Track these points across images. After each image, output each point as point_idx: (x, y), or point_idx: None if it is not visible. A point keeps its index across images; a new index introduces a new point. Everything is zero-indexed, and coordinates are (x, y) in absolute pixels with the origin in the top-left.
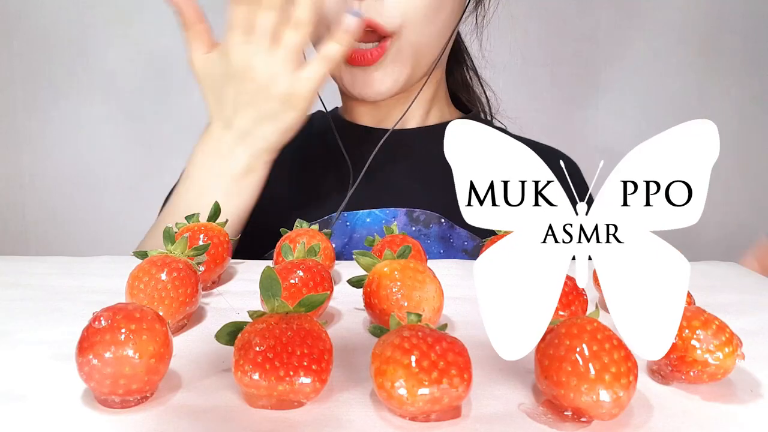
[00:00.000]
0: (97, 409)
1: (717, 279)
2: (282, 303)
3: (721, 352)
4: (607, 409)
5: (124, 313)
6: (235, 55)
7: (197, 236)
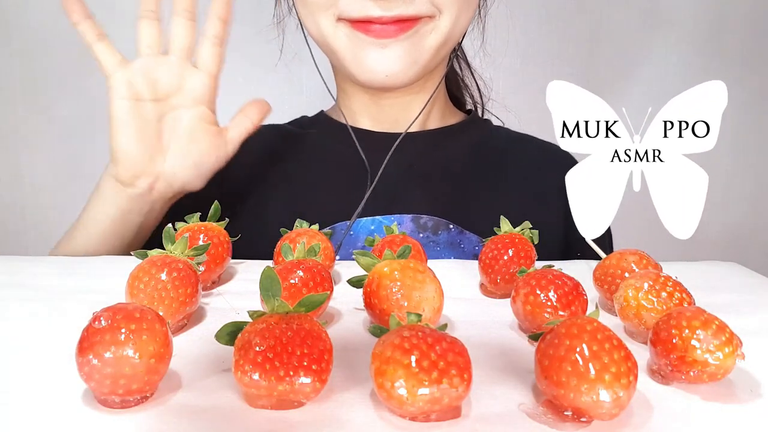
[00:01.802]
0: (97, 409)
1: (717, 279)
2: (282, 303)
3: (721, 352)
4: (607, 409)
5: (124, 313)
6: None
7: (197, 236)
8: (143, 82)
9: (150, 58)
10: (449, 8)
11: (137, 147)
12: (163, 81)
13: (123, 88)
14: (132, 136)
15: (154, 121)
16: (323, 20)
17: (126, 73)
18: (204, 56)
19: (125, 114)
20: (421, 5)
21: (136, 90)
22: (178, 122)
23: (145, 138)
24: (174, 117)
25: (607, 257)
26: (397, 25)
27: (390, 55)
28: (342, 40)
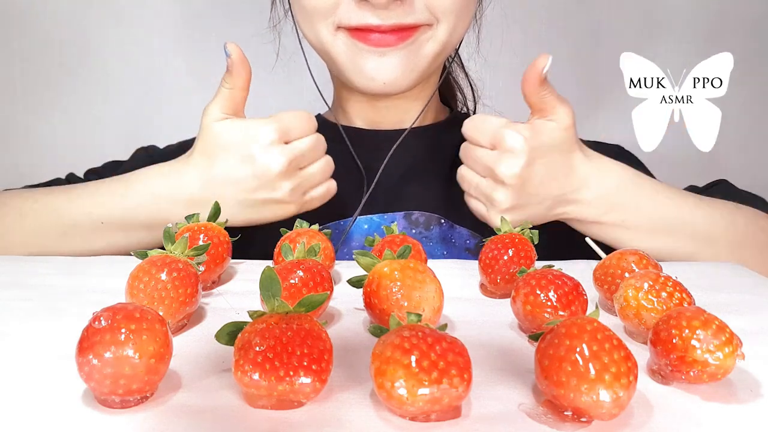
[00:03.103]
0: (97, 409)
1: (717, 279)
2: (282, 303)
3: (721, 352)
4: (607, 409)
5: (124, 313)
6: (261, 147)
7: (197, 236)
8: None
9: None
10: (447, 17)
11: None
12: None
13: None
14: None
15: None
16: (322, 28)
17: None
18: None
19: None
20: (420, 14)
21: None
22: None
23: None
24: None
25: (607, 257)
26: (396, 34)
27: (388, 63)
28: (340, 48)
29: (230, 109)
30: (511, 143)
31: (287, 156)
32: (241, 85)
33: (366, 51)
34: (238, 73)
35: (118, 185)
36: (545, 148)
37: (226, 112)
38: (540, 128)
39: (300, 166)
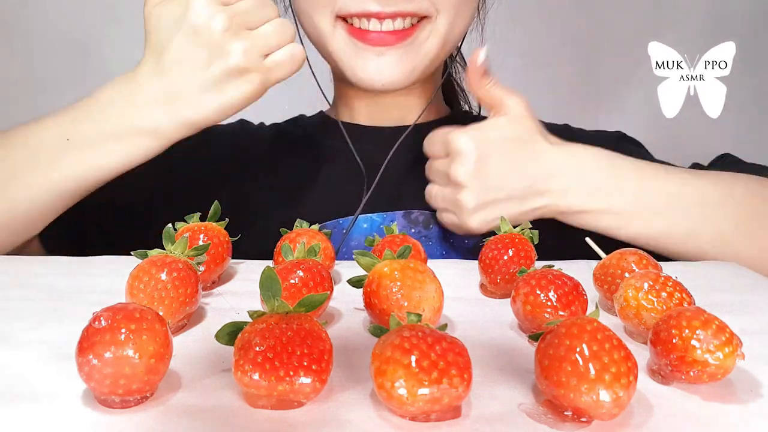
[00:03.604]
0: (97, 409)
1: (717, 279)
2: (282, 303)
3: (721, 352)
4: (607, 409)
5: (124, 313)
6: (199, 12)
7: (197, 236)
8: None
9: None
10: (447, 8)
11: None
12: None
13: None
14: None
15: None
16: (321, 18)
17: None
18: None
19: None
20: (420, 2)
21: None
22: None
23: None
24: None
25: (607, 257)
26: (395, 34)
27: (387, 63)
28: (339, 44)
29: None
30: (456, 144)
31: (225, 12)
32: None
33: (364, 50)
34: None
35: (82, 101)
36: (497, 142)
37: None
38: (488, 125)
39: (247, 26)
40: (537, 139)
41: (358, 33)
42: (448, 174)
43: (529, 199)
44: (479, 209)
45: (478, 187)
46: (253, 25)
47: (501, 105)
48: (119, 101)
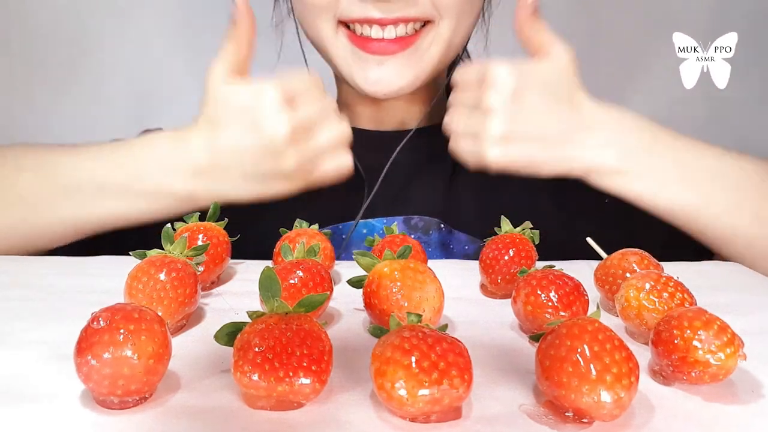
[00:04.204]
0: (95, 409)
1: (718, 279)
2: (281, 303)
3: (722, 352)
4: (609, 410)
5: (123, 314)
6: (266, 111)
7: (196, 236)
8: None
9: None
10: (450, 12)
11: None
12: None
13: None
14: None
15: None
16: (323, 24)
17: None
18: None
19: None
20: (423, 7)
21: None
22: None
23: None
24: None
25: (609, 257)
26: (397, 42)
27: (389, 71)
28: (340, 50)
29: (235, 69)
30: (496, 73)
31: (292, 121)
32: (247, 40)
33: (365, 59)
34: (244, 26)
35: (123, 150)
36: (538, 82)
37: (231, 71)
38: (531, 64)
39: (307, 131)
40: (578, 90)
41: (360, 41)
42: (480, 100)
43: (561, 146)
44: (504, 140)
45: (510, 117)
46: (313, 129)
47: (547, 50)
48: (161, 163)
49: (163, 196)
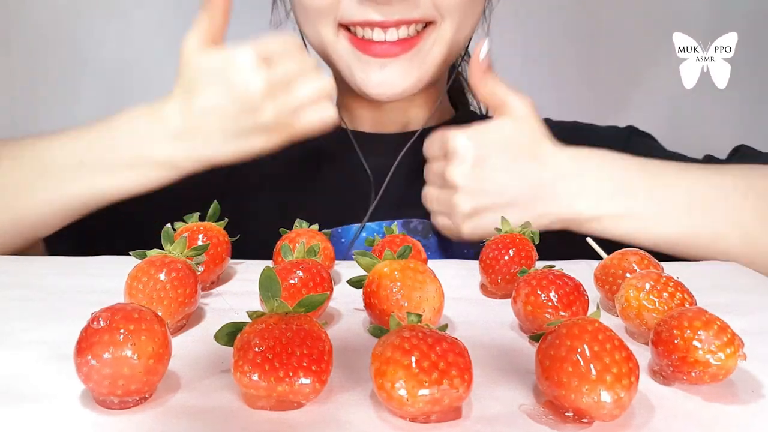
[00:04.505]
0: (95, 409)
1: (718, 279)
2: (281, 303)
3: (722, 352)
4: (609, 410)
5: (123, 314)
6: (240, 70)
7: (196, 236)
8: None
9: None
10: (452, 13)
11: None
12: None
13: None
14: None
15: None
16: (324, 27)
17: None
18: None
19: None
20: (424, 9)
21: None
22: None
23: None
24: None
25: (609, 257)
26: (399, 45)
27: (391, 74)
28: (341, 54)
29: (209, 38)
30: (454, 144)
31: (266, 76)
32: (220, 10)
33: (367, 62)
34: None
35: (100, 126)
36: (498, 144)
37: (205, 41)
38: (489, 125)
39: (284, 84)
40: (541, 141)
41: (361, 44)
42: (444, 175)
43: (532, 205)
44: (474, 215)
45: (475, 191)
46: (290, 82)
47: (504, 105)
48: (138, 133)
49: (143, 165)
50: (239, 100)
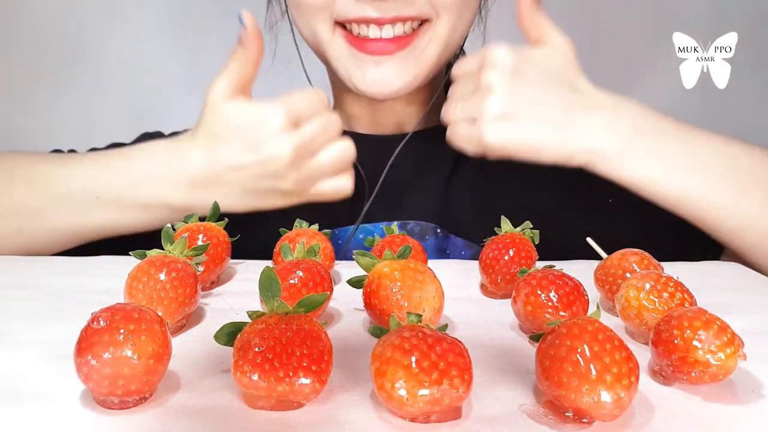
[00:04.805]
0: (95, 409)
1: (718, 279)
2: (281, 303)
3: (722, 352)
4: (609, 410)
5: (123, 314)
6: (269, 132)
7: (196, 236)
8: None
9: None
10: (447, 10)
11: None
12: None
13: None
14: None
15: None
16: (319, 24)
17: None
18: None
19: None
20: (420, 6)
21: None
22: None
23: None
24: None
25: (609, 257)
26: (395, 42)
27: (387, 72)
28: (337, 52)
29: (238, 87)
30: (495, 53)
31: (294, 143)
32: (253, 59)
33: (363, 59)
34: (251, 46)
35: (119, 159)
36: (538, 64)
37: (234, 89)
38: (530, 50)
39: (309, 151)
40: (579, 74)
41: (357, 42)
42: (479, 80)
43: (562, 128)
44: (503, 119)
45: (509, 94)
46: (315, 149)
47: (547, 36)
48: (157, 175)
49: (158, 208)
50: (265, 164)
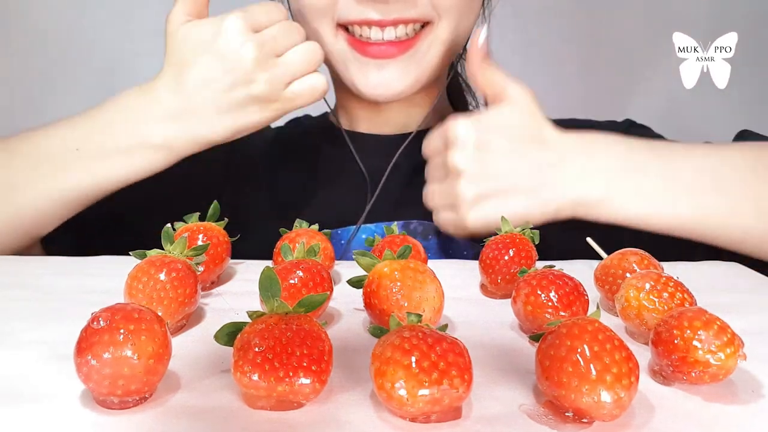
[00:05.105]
0: (95, 409)
1: (718, 279)
2: (281, 303)
3: (722, 352)
4: (609, 410)
5: (123, 314)
6: (230, 39)
7: (196, 236)
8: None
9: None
10: (449, 12)
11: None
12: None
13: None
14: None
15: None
16: (322, 27)
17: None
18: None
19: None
20: (422, 8)
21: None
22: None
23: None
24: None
25: (608, 257)
26: (397, 46)
27: (389, 75)
28: (340, 55)
29: (193, 12)
30: (454, 131)
31: (256, 41)
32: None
33: (365, 63)
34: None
35: (93, 112)
36: (499, 129)
37: (189, 14)
38: (489, 112)
39: (275, 53)
40: (543, 125)
41: (359, 45)
42: (446, 163)
43: (538, 190)
44: (479, 201)
45: (478, 175)
46: (280, 51)
47: (503, 92)
48: (132, 115)
49: (139, 148)
50: (232, 71)
